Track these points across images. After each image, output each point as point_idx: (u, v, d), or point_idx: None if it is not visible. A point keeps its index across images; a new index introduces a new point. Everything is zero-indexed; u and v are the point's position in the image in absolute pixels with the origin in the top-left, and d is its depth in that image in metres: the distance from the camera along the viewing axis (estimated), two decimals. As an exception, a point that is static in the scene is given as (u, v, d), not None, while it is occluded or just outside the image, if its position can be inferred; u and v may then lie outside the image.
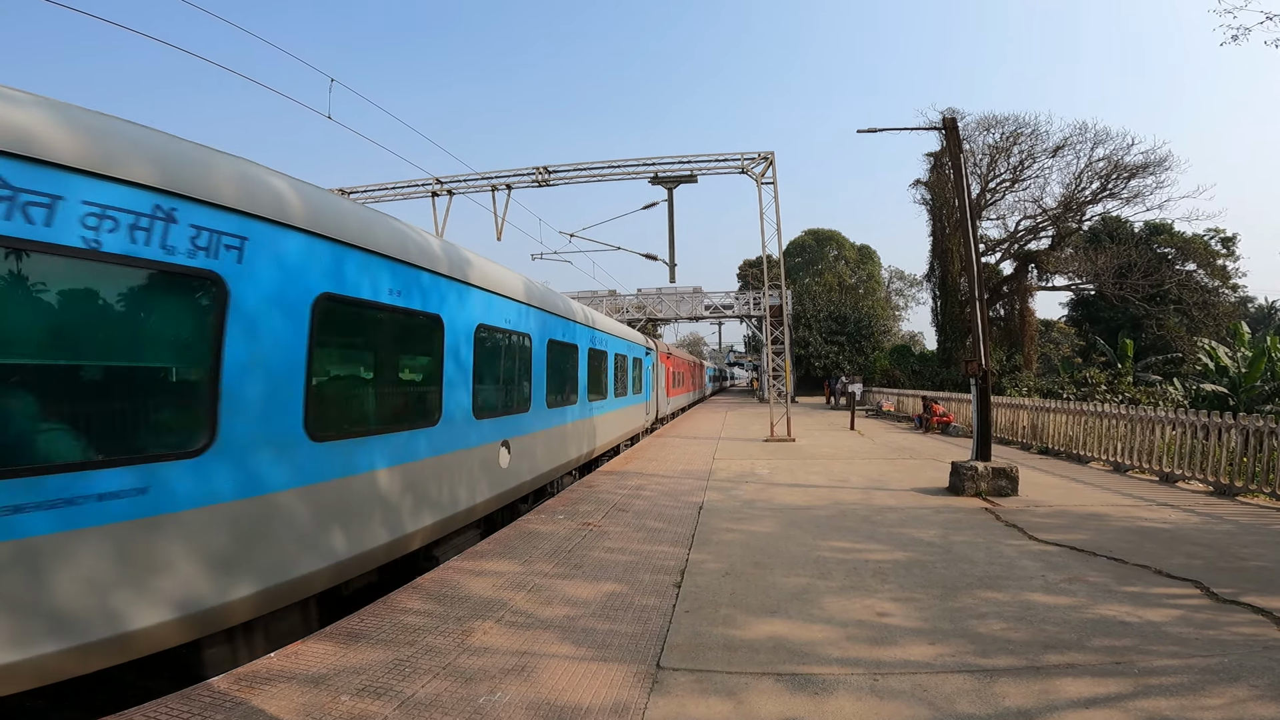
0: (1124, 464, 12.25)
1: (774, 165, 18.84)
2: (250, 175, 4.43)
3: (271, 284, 4.42)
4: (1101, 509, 8.85)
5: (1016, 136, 38.08)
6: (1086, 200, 38.74)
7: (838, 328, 49.18)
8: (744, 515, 8.48)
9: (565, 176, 20.53)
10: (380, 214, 6.12)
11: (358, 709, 3.47)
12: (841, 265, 71.15)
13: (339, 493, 4.95)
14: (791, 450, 15.92)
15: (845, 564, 6.29)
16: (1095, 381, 22.82)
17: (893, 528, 7.73)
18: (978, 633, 4.59)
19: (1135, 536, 7.29)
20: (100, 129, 3.55)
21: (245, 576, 4.13)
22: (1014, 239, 41.23)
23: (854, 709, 3.55)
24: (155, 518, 3.60)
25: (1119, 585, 5.60)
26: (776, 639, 4.52)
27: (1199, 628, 4.67)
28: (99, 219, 3.38)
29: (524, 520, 8.10)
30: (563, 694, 3.70)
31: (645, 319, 42.87)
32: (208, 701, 3.48)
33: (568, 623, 4.81)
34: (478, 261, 7.64)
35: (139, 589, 3.51)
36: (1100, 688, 3.76)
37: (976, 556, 6.50)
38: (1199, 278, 39.95)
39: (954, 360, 37.28)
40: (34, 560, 3.10)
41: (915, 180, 42.68)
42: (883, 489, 10.41)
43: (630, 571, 6.07)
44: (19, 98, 3.29)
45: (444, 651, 4.26)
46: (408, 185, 21.59)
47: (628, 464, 13.41)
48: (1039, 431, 15.67)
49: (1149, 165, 36.16)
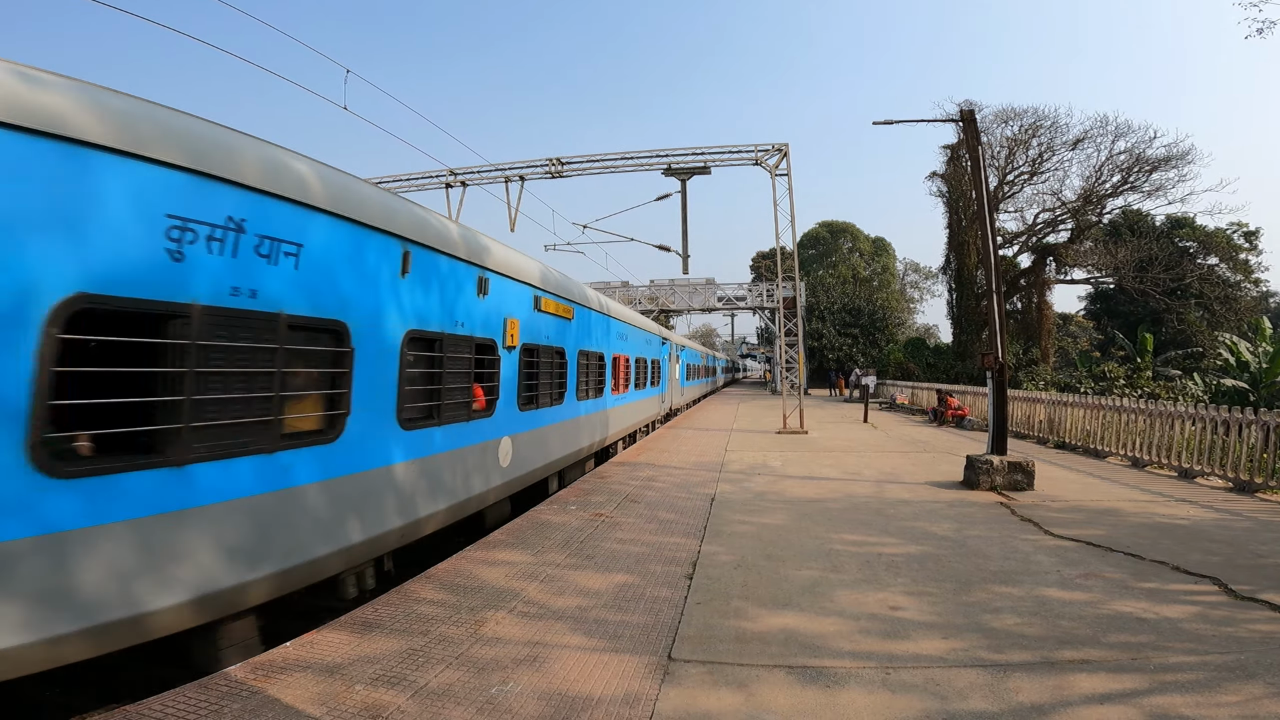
0: (1142, 459, 12.11)
1: (788, 157, 18.72)
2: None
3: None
4: (1118, 504, 8.76)
5: (1035, 129, 37.53)
6: (1107, 193, 38.15)
7: (851, 320, 48.93)
8: (756, 507, 8.47)
9: (578, 168, 20.51)
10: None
11: (372, 698, 3.51)
12: (856, 257, 70.67)
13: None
14: (804, 442, 15.87)
15: (858, 557, 6.27)
16: (1114, 376, 22.56)
17: (906, 521, 7.70)
18: (991, 627, 4.56)
19: (1153, 532, 7.22)
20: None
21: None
22: (1032, 232, 40.72)
23: (866, 702, 3.54)
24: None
25: (1135, 581, 5.54)
26: (788, 632, 4.52)
27: (1216, 624, 4.62)
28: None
29: (536, 511, 8.14)
30: (574, 685, 3.72)
31: (658, 310, 42.83)
32: (224, 690, 3.53)
33: (579, 613, 4.83)
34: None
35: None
36: (1115, 684, 3.73)
37: (991, 551, 6.46)
38: (1221, 272, 39.32)
39: (969, 353, 36.96)
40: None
41: (931, 173, 42.18)
42: (896, 482, 10.36)
43: (642, 563, 6.08)
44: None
45: (457, 641, 4.30)
46: (422, 176, 21.66)
47: (640, 455, 13.42)
48: (1056, 426, 15.53)
49: (1171, 158, 35.55)
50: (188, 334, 3.70)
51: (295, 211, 4.51)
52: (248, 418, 4.09)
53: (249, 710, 3.32)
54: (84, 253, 3.26)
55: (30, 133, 3.08)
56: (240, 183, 4.07)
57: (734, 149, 19.30)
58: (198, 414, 3.77)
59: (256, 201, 4.19)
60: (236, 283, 4.02)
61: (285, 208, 4.42)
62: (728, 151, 19.36)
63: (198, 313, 3.75)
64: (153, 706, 3.32)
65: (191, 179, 3.78)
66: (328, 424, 4.86)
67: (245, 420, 4.07)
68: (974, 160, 11.37)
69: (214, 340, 3.85)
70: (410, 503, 5.80)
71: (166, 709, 3.30)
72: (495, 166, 20.93)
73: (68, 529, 3.19)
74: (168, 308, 3.61)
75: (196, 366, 3.73)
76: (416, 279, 5.96)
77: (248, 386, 4.11)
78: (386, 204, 5.64)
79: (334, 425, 4.87)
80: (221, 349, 3.91)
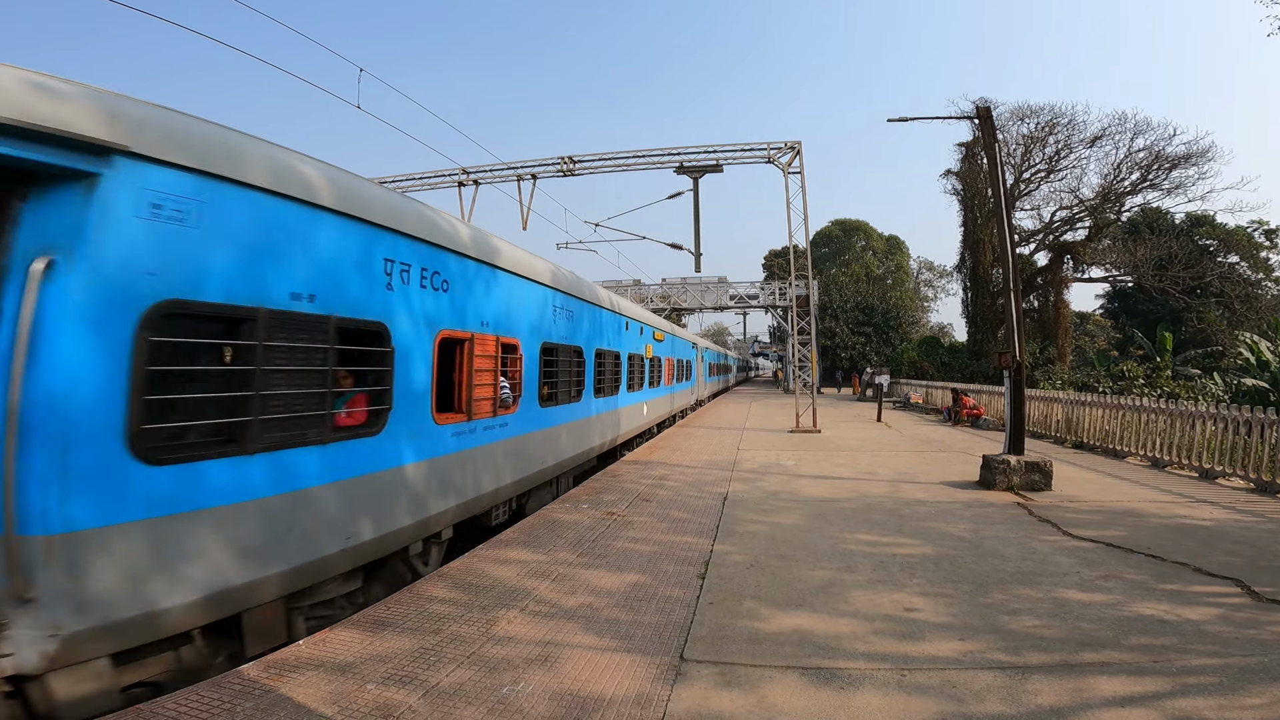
0: (1162, 459, 11.94)
1: (801, 155, 18.62)
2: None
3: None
4: (1139, 505, 8.63)
5: (1052, 126, 37.02)
6: (1126, 191, 37.58)
7: (865, 319, 48.61)
8: (769, 507, 8.42)
9: (590, 166, 20.51)
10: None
11: (383, 698, 3.50)
12: (869, 256, 70.23)
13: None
14: (817, 442, 15.77)
15: (872, 558, 6.21)
16: (1132, 375, 22.24)
17: (921, 521, 7.62)
18: (1009, 629, 4.50)
19: (1174, 533, 7.10)
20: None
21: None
22: (1049, 230, 40.25)
23: (880, 705, 3.49)
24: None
25: (1157, 583, 5.45)
26: (801, 633, 4.47)
27: (1239, 627, 4.53)
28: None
29: (548, 509, 8.13)
30: (585, 685, 3.70)
31: (670, 308, 42.74)
32: (238, 689, 3.53)
33: (591, 613, 4.81)
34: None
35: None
36: (1137, 686, 3.67)
37: (1008, 552, 6.38)
38: (1241, 270, 38.69)
39: (984, 352, 36.60)
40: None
41: (946, 170, 41.80)
42: (911, 482, 10.26)
43: (654, 562, 6.05)
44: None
45: (469, 640, 4.28)
46: (435, 175, 21.74)
47: (652, 454, 13.39)
48: (1073, 425, 15.35)
49: (1191, 156, 34.92)
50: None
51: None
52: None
53: (261, 709, 3.32)
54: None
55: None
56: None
57: (746, 147, 19.22)
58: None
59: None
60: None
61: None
62: (740, 149, 19.28)
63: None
64: (166, 705, 3.32)
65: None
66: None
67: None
68: (991, 157, 11.24)
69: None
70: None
71: (180, 707, 3.30)
72: (507, 165, 20.96)
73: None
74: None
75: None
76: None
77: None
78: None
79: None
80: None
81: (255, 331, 4.01)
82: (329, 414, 4.63)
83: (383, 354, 5.22)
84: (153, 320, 3.48)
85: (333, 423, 4.72)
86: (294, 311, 4.32)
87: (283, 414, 4.24)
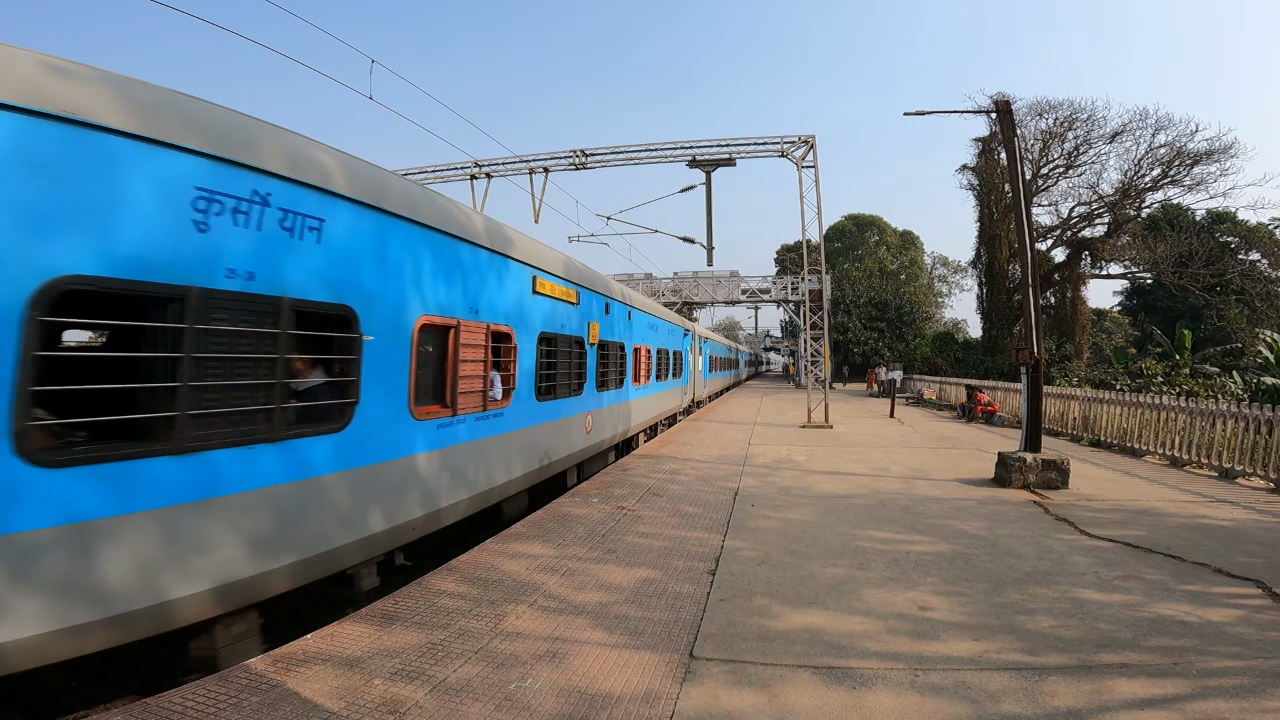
0: (1181, 458, 11.75)
1: (815, 149, 18.45)
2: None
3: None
4: (1157, 504, 8.50)
5: (1072, 122, 36.50)
6: (1146, 187, 37.02)
7: (878, 314, 48.33)
8: (781, 502, 8.36)
9: (602, 159, 20.42)
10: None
11: (390, 692, 3.48)
12: (883, 251, 69.68)
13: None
14: (829, 437, 15.67)
15: (885, 555, 6.13)
16: (1151, 373, 21.93)
17: (935, 519, 7.53)
18: (1026, 629, 4.42)
19: (1193, 533, 6.98)
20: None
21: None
22: (1067, 226, 39.76)
23: (893, 705, 3.43)
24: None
25: (1177, 584, 5.35)
26: (813, 630, 4.41)
27: (1261, 629, 4.44)
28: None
29: (558, 503, 8.10)
30: (594, 681, 3.66)
31: (681, 302, 42.60)
32: (244, 684, 3.52)
33: (600, 609, 4.77)
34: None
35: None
36: (1156, 688, 3.59)
37: (1024, 551, 6.28)
38: (1263, 268, 38.10)
39: (1000, 349, 36.26)
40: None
41: (962, 165, 41.35)
42: (925, 479, 10.16)
43: (664, 557, 6.01)
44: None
45: (477, 635, 4.26)
46: (447, 168, 21.74)
47: (662, 448, 13.35)
48: (1090, 423, 15.16)
49: (1213, 152, 34.38)
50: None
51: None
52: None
53: (267, 704, 3.30)
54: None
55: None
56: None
57: (759, 140, 19.06)
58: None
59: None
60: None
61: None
62: (753, 143, 19.13)
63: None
64: (173, 699, 3.32)
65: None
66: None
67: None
68: (1009, 152, 11.06)
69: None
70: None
71: (186, 701, 3.29)
72: (520, 158, 20.91)
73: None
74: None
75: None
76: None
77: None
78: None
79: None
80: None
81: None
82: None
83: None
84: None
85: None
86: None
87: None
